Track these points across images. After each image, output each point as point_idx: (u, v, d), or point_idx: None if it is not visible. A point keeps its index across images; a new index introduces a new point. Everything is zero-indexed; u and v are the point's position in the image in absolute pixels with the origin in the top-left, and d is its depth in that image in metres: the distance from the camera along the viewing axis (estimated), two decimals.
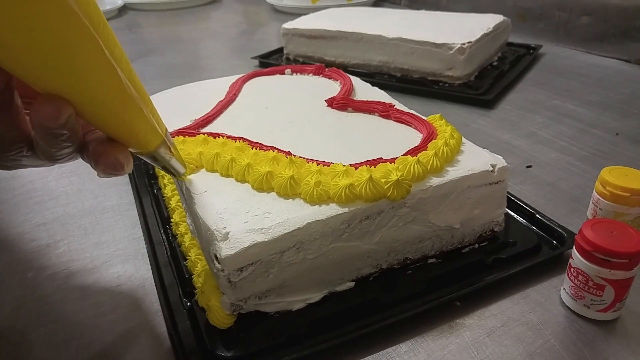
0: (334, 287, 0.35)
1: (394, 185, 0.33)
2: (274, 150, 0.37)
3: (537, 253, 0.39)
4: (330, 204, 0.33)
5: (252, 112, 0.48)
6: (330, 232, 0.32)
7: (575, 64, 0.86)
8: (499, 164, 0.37)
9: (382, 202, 0.33)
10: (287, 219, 0.31)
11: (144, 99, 0.26)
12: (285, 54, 0.94)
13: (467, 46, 0.71)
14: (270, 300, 0.33)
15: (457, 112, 0.68)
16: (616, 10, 0.87)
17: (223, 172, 0.36)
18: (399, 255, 0.37)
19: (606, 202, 0.39)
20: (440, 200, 0.36)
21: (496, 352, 0.31)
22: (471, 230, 0.39)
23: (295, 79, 0.58)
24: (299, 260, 0.32)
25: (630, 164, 0.43)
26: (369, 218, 0.33)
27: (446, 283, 0.36)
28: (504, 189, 0.38)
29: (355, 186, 0.32)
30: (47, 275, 0.40)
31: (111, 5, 1.46)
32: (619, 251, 0.30)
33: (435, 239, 0.38)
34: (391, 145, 0.39)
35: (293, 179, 0.33)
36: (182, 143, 0.40)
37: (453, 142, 0.38)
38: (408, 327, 0.33)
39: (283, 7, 1.40)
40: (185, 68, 0.95)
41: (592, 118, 0.65)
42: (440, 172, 0.36)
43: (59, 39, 0.20)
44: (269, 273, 0.32)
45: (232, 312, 0.32)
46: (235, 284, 0.31)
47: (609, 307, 0.32)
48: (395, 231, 0.35)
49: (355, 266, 0.35)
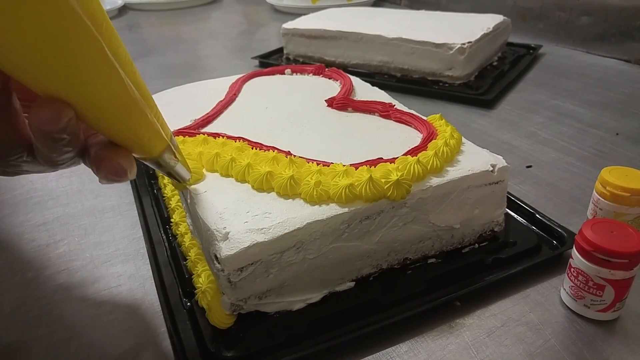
0: (334, 287, 0.35)
1: (394, 185, 0.33)
2: (274, 150, 0.37)
3: (537, 253, 0.39)
4: (330, 204, 0.33)
5: (252, 112, 0.48)
6: (330, 232, 0.32)
7: (575, 64, 0.86)
8: (499, 164, 0.37)
9: (382, 202, 0.33)
10: (287, 219, 0.31)
11: (148, 102, 0.25)
12: (285, 54, 0.94)
13: (467, 46, 0.71)
14: (270, 300, 0.33)
15: (457, 112, 0.68)
16: (616, 10, 0.87)
17: (223, 172, 0.36)
18: (399, 255, 0.37)
19: (606, 202, 0.39)
20: (440, 200, 0.36)
21: (496, 352, 0.31)
22: (471, 230, 0.39)
23: (295, 79, 0.58)
24: (299, 260, 0.32)
25: (630, 164, 0.43)
26: (369, 218, 0.33)
27: (446, 283, 0.36)
28: (504, 189, 0.38)
29: (355, 186, 0.32)
30: (47, 275, 0.40)
31: (111, 5, 1.46)
32: (619, 251, 0.30)
33: (435, 239, 0.38)
34: (391, 145, 0.39)
35: (293, 179, 0.33)
36: (182, 143, 0.40)
37: (453, 142, 0.38)
38: (408, 327, 0.33)
39: (283, 7, 1.40)
40: (185, 68, 0.95)
41: (592, 118, 0.65)
42: (441, 172, 0.36)
43: (59, 39, 0.19)
44: (269, 273, 0.32)
45: (232, 312, 0.32)
46: (235, 284, 0.31)
47: (609, 307, 0.32)
48: (395, 231, 0.35)
49: (356, 266, 0.35)
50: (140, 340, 0.34)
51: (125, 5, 1.54)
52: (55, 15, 0.19)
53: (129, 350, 0.33)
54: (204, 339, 0.32)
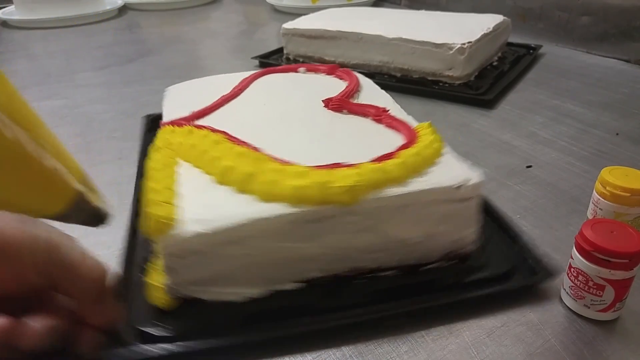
0: (279, 286, 0.35)
1: (344, 191, 0.32)
2: (246, 145, 0.38)
3: (505, 281, 0.35)
4: (280, 203, 0.32)
5: (249, 107, 0.49)
6: (275, 231, 0.32)
7: (575, 64, 0.86)
8: (472, 180, 0.34)
9: (331, 206, 0.32)
10: (234, 213, 0.31)
11: (51, 151, 0.24)
12: (285, 54, 0.94)
13: (467, 46, 0.71)
14: (210, 289, 0.33)
15: (457, 112, 0.68)
16: (616, 10, 0.87)
17: (195, 163, 0.37)
18: (352, 263, 0.35)
19: (606, 202, 0.39)
20: (398, 212, 0.34)
21: (496, 352, 0.31)
22: (436, 247, 0.36)
23: (306, 77, 0.58)
24: (241, 254, 0.32)
25: (630, 164, 0.43)
26: (317, 221, 0.33)
27: (396, 297, 0.34)
28: (475, 206, 0.36)
29: (305, 188, 0.32)
30: None
31: (111, 5, 1.46)
32: (619, 251, 0.30)
33: (393, 250, 0.35)
34: (370, 150, 0.37)
35: (249, 175, 0.33)
36: (170, 133, 0.41)
37: (428, 152, 0.36)
38: (408, 327, 0.33)
39: (283, 7, 1.40)
40: (185, 68, 0.95)
41: (592, 118, 0.65)
42: (403, 182, 0.34)
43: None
44: (210, 264, 0.32)
45: (171, 295, 0.33)
46: (175, 269, 0.32)
47: (609, 307, 0.32)
48: (347, 238, 0.34)
49: (303, 268, 0.35)
50: None
51: (125, 5, 1.54)
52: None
53: None
54: (139, 313, 0.33)
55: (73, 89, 0.84)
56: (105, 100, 0.78)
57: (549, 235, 0.42)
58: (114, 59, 1.02)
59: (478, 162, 0.54)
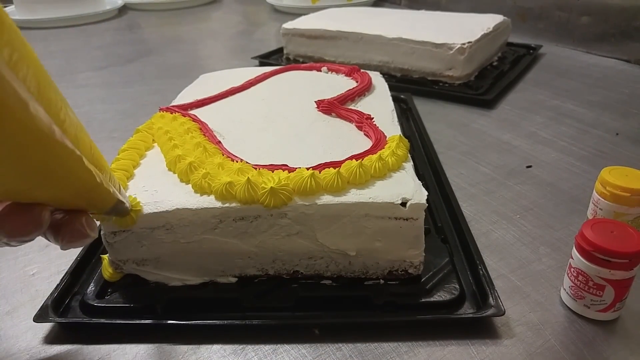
0: (215, 277, 0.36)
1: (268, 193, 0.32)
2: (209, 138, 0.40)
3: (454, 309, 0.34)
4: (210, 196, 0.33)
5: (247, 102, 0.50)
6: (200, 223, 0.33)
7: (575, 64, 0.86)
8: (412, 200, 0.33)
9: (257, 206, 0.33)
10: (164, 200, 0.33)
11: (102, 168, 0.25)
12: (285, 54, 0.94)
13: (467, 46, 0.71)
14: (147, 270, 0.36)
15: (457, 112, 0.68)
16: (616, 10, 0.87)
17: (162, 148, 0.40)
18: (287, 266, 0.36)
19: (606, 202, 0.39)
20: (329, 221, 0.33)
21: (496, 352, 0.31)
22: (375, 263, 0.36)
23: (323, 77, 0.58)
24: (170, 240, 0.34)
25: (630, 164, 0.43)
26: (243, 219, 0.33)
27: (314, 307, 0.34)
28: (417, 228, 0.34)
29: (233, 185, 0.33)
30: (47, 276, 0.40)
31: (111, 5, 1.46)
32: (619, 251, 0.30)
33: (328, 259, 0.36)
34: (331, 154, 0.37)
35: (190, 166, 0.35)
36: (159, 118, 0.44)
37: (379, 165, 0.35)
38: (408, 327, 0.33)
39: (283, 7, 1.40)
40: (185, 68, 0.95)
41: (592, 118, 0.65)
42: (340, 191, 0.33)
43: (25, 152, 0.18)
44: (142, 244, 0.34)
45: (114, 269, 0.36)
46: (112, 245, 0.34)
47: (609, 307, 0.32)
48: (278, 240, 0.34)
49: (237, 264, 0.36)
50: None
51: (125, 5, 1.54)
52: (19, 131, 0.18)
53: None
54: (85, 285, 0.36)
55: (73, 89, 0.84)
56: (105, 100, 0.78)
57: (549, 235, 0.42)
58: (114, 59, 1.02)
59: (478, 162, 0.54)
